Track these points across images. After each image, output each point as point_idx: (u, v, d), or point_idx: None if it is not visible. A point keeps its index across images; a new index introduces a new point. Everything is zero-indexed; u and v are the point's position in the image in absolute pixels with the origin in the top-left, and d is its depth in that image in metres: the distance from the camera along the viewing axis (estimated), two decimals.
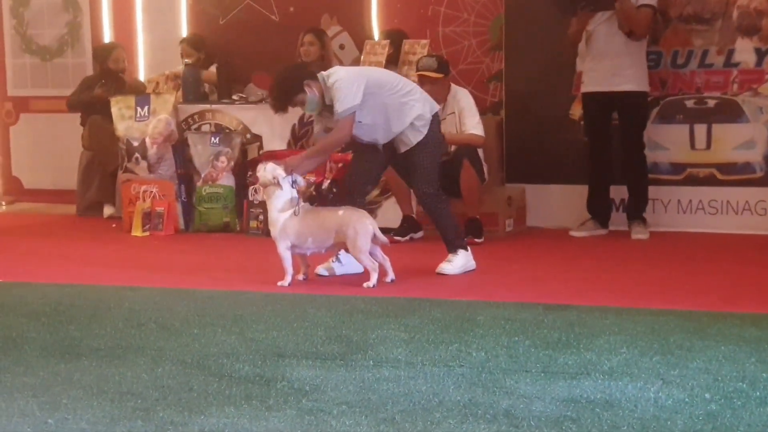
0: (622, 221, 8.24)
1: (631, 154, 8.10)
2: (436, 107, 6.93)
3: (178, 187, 8.88)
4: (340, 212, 6.42)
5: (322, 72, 6.64)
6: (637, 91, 8.02)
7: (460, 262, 6.74)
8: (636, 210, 8.15)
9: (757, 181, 8.16)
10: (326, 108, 6.62)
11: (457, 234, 6.87)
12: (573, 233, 8.20)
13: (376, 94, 6.57)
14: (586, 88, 8.18)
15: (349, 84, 6.51)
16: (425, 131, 6.67)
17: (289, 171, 6.49)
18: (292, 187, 6.47)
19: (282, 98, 6.64)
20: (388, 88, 6.66)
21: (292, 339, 5.04)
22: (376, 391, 4.17)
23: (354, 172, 6.92)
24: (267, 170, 6.52)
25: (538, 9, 8.58)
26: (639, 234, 8.03)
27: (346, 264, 6.70)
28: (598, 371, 4.36)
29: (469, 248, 6.84)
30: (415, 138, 6.67)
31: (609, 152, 8.13)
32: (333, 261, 6.73)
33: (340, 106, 6.47)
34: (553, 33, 8.45)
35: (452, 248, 6.79)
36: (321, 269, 6.72)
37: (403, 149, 6.71)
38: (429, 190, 6.75)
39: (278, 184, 6.44)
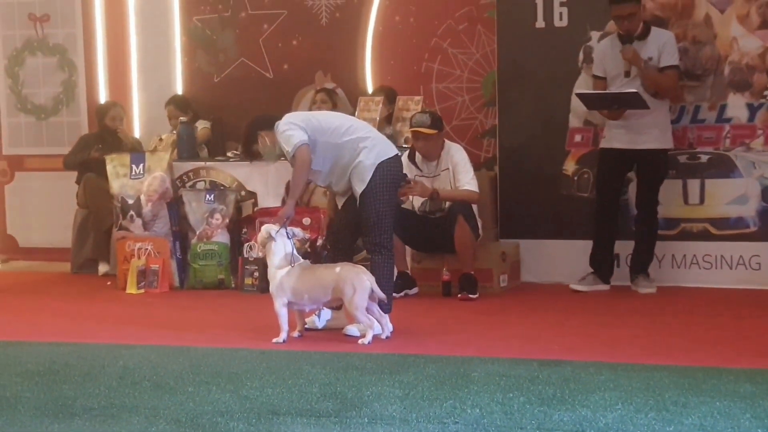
0: (619, 277, 8.22)
1: (645, 210, 8.05)
2: (389, 153, 6.72)
3: (173, 245, 8.89)
4: (337, 269, 6.39)
5: (278, 121, 6.70)
6: (659, 149, 7.99)
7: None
8: (642, 265, 8.10)
9: (751, 236, 8.16)
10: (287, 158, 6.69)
11: (388, 295, 6.58)
12: (573, 287, 8.15)
13: (320, 141, 6.58)
14: (608, 144, 8.12)
15: (290, 126, 6.58)
16: (367, 180, 6.59)
17: (282, 222, 6.51)
18: (289, 239, 6.48)
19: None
20: (334, 129, 6.66)
21: (287, 396, 5.03)
22: None
23: (339, 225, 6.91)
24: (262, 229, 6.57)
25: (531, 65, 8.62)
26: (647, 288, 7.99)
27: (323, 318, 6.73)
28: (593, 428, 4.35)
29: (386, 316, 6.49)
30: (359, 187, 6.63)
31: (617, 208, 8.14)
32: (316, 315, 6.75)
33: (290, 148, 6.54)
34: (546, 89, 8.51)
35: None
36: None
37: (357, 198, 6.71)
38: (377, 240, 6.63)
39: (272, 238, 6.46)
